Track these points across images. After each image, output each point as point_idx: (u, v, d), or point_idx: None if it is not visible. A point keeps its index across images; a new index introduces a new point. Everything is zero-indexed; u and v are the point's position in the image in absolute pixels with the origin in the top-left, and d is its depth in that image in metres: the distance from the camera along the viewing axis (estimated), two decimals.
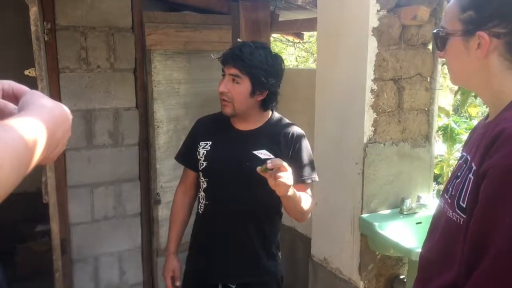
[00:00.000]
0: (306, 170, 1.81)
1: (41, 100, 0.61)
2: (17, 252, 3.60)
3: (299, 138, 1.82)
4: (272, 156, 1.74)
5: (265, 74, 1.72)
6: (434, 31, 1.05)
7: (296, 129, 1.84)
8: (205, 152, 1.81)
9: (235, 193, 1.77)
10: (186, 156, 1.93)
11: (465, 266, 0.86)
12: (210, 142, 1.82)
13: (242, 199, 1.77)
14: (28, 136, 0.53)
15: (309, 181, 1.81)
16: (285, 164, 1.53)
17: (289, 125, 1.86)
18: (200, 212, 1.87)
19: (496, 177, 0.83)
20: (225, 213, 1.80)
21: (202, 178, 1.85)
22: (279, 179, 1.50)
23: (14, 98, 0.66)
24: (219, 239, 1.83)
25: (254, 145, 1.78)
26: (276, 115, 1.89)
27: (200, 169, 1.83)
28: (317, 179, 1.84)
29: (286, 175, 1.52)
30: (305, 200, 1.73)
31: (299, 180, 1.76)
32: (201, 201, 1.87)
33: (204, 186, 1.84)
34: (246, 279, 1.85)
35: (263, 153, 1.77)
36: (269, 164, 1.50)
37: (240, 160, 1.75)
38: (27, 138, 0.53)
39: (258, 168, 1.53)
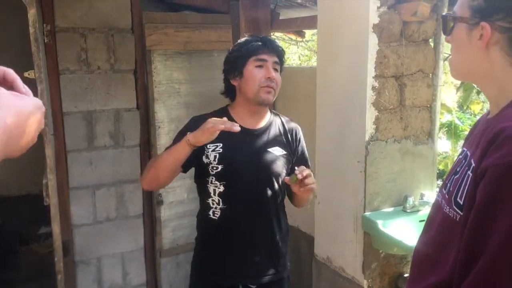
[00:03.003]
0: (308, 161, 1.94)
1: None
2: (20, 254, 3.61)
3: (299, 132, 1.94)
4: (284, 152, 1.83)
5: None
6: (444, 13, 1.04)
7: (295, 124, 1.96)
8: (217, 155, 1.74)
9: (256, 192, 1.77)
10: None
11: (460, 264, 0.85)
12: (221, 144, 1.74)
13: (263, 197, 1.79)
14: None
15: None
16: (308, 169, 1.63)
17: (288, 120, 1.96)
18: (216, 217, 1.79)
19: (495, 176, 0.81)
20: (248, 214, 1.78)
21: (216, 182, 1.77)
22: (309, 186, 1.60)
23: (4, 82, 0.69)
24: (241, 241, 1.80)
25: (267, 143, 1.81)
26: (273, 112, 1.95)
27: (213, 173, 1.75)
28: None
29: (312, 180, 1.62)
30: None
31: None
32: (214, 205, 1.79)
33: (220, 190, 1.76)
34: (268, 278, 1.85)
35: (277, 150, 1.82)
36: (299, 175, 1.58)
37: (257, 159, 1.77)
38: None
39: (287, 179, 1.63)
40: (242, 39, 1.86)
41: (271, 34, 3.49)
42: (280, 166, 1.81)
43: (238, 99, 1.85)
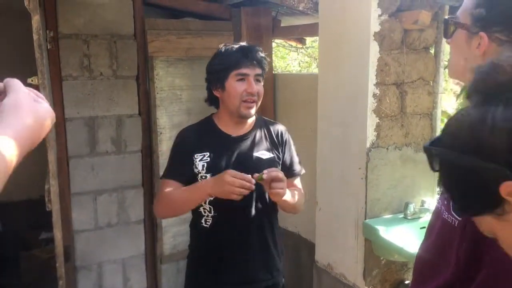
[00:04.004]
0: (296, 164, 1.93)
1: (15, 111, 0.61)
2: (21, 259, 3.61)
3: (286, 134, 1.93)
4: (271, 155, 1.83)
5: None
6: (446, 17, 1.05)
7: (281, 127, 1.96)
8: (205, 164, 1.76)
9: (246, 198, 1.74)
10: (180, 171, 1.78)
11: (462, 270, 0.86)
12: (208, 153, 1.77)
13: (253, 202, 1.79)
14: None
15: (301, 173, 1.94)
16: (280, 174, 1.62)
17: (274, 123, 1.97)
18: (207, 225, 1.81)
19: None
20: (239, 220, 1.79)
21: None
22: (274, 189, 1.60)
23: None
24: (234, 248, 1.81)
25: (253, 148, 1.82)
26: (258, 117, 1.94)
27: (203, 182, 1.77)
28: (303, 171, 1.96)
29: (281, 185, 1.61)
30: (295, 195, 1.82)
31: (293, 174, 1.90)
32: (206, 213, 1.80)
33: (210, 198, 1.76)
34: (263, 284, 1.86)
35: (263, 154, 1.83)
36: (264, 175, 1.58)
37: (244, 165, 1.76)
38: None
39: (255, 175, 1.60)
40: (223, 48, 1.83)
41: (272, 41, 3.50)
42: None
43: (221, 109, 1.84)
